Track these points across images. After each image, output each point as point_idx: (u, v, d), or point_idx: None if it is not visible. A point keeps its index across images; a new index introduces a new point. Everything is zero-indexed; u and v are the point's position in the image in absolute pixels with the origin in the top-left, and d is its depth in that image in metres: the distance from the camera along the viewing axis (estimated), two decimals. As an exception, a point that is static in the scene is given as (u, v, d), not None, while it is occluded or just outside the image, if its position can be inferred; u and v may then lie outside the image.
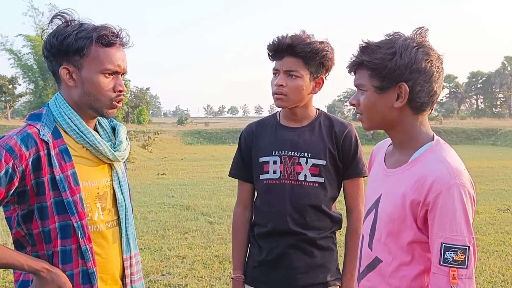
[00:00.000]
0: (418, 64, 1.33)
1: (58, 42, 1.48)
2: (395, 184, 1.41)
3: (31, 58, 40.81)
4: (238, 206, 2.18)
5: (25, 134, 1.44)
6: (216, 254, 5.53)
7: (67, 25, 1.50)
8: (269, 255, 2.02)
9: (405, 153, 1.44)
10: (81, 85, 1.51)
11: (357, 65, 1.41)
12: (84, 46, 1.46)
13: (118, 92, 1.54)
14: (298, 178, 1.98)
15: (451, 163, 1.32)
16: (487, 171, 13.96)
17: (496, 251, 5.63)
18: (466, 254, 1.25)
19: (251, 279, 2.10)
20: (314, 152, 1.99)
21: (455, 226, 1.26)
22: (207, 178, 12.86)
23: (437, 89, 1.38)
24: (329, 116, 2.11)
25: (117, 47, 1.52)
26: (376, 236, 1.45)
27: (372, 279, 1.46)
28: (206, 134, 34.11)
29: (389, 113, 1.39)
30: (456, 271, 1.25)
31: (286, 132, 2.04)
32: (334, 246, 2.09)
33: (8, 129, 31.80)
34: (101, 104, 1.53)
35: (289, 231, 1.97)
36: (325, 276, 2.02)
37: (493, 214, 7.73)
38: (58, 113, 1.52)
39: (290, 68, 1.92)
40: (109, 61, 1.50)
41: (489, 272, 4.83)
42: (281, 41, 1.92)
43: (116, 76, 1.54)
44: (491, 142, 29.47)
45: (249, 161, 2.10)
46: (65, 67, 1.50)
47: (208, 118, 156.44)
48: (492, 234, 6.44)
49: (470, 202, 1.29)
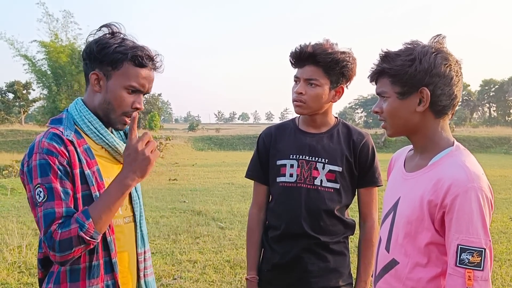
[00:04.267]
0: (438, 69, 1.38)
1: (97, 49, 1.58)
2: (414, 187, 1.44)
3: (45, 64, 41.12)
4: (254, 207, 2.21)
5: (51, 134, 1.52)
6: (227, 259, 5.56)
7: (112, 36, 1.60)
8: (283, 258, 2.04)
9: (425, 157, 1.47)
10: (104, 93, 1.60)
11: (378, 73, 1.46)
12: (118, 60, 1.56)
13: (134, 108, 1.62)
14: (314, 183, 2.01)
15: (470, 167, 1.35)
16: (499, 180, 13.83)
17: (508, 259, 5.59)
18: (482, 256, 1.27)
19: (265, 282, 2.13)
20: (331, 158, 2.03)
21: (471, 228, 1.28)
22: (218, 183, 12.90)
23: (457, 92, 1.42)
24: (347, 125, 2.15)
25: (147, 69, 1.61)
26: (393, 238, 1.48)
27: (388, 281, 1.48)
28: (217, 140, 34.20)
29: (412, 118, 1.44)
30: (472, 273, 1.26)
31: (305, 137, 2.08)
32: (346, 251, 2.12)
33: (22, 133, 32.19)
34: (115, 115, 1.61)
35: (303, 234, 2.00)
36: (338, 280, 2.05)
37: (506, 223, 7.67)
38: (79, 116, 1.60)
39: (310, 77, 1.96)
40: (136, 80, 1.59)
41: (501, 281, 4.80)
42: (303, 49, 1.95)
43: (138, 94, 1.62)
44: (504, 151, 29.17)
45: (266, 163, 2.14)
46: (95, 72, 1.59)
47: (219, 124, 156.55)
48: (504, 243, 6.39)
49: (487, 206, 1.31)
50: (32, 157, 1.47)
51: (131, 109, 1.61)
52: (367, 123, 73.30)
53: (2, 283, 4.72)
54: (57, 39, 42.29)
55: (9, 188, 11.04)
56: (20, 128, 34.66)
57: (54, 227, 1.42)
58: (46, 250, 1.43)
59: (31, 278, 4.87)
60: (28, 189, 1.47)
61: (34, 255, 5.61)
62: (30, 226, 7.28)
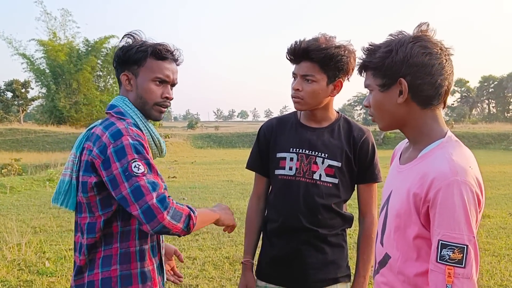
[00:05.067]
0: (415, 58, 1.33)
1: (122, 53, 1.79)
2: (403, 180, 1.41)
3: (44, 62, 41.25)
4: (253, 197, 2.24)
5: (128, 124, 1.67)
6: (227, 255, 5.57)
7: (134, 40, 1.81)
8: (282, 251, 2.06)
9: (416, 149, 1.44)
10: (135, 90, 1.79)
11: (363, 67, 1.45)
12: (141, 58, 1.76)
13: (164, 98, 1.79)
14: (313, 177, 2.03)
15: (455, 160, 1.29)
16: (499, 176, 13.85)
17: (508, 254, 5.60)
18: (464, 253, 1.21)
19: (264, 275, 2.14)
20: (331, 153, 2.04)
21: (453, 223, 1.23)
22: (217, 181, 12.91)
23: (441, 81, 1.36)
24: (349, 121, 2.15)
25: (169, 61, 1.80)
26: (386, 232, 1.47)
27: (384, 274, 1.47)
28: (216, 138, 34.18)
29: (397, 110, 1.40)
30: (453, 270, 1.21)
31: (305, 131, 2.09)
32: (344, 243, 2.13)
33: (21, 132, 32.11)
34: (148, 106, 1.78)
35: (302, 227, 2.02)
36: (336, 272, 2.07)
37: (505, 218, 7.69)
38: (132, 112, 1.77)
39: (306, 73, 1.96)
40: (160, 72, 1.77)
41: (500, 276, 4.82)
42: (298, 46, 1.96)
43: (165, 85, 1.80)
44: (503, 147, 29.16)
45: (266, 155, 2.16)
46: (125, 74, 1.79)
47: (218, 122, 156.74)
48: (504, 238, 6.41)
49: (473, 201, 1.25)
50: (121, 139, 1.58)
51: (162, 99, 1.79)
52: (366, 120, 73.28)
53: (1, 281, 4.73)
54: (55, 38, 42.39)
55: (8, 186, 11.04)
56: (19, 127, 34.56)
57: (165, 195, 1.55)
58: (157, 211, 1.51)
59: (31, 276, 4.87)
60: (115, 167, 1.55)
61: (33, 253, 5.61)
62: (29, 224, 7.28)
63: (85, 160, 1.65)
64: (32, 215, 8.14)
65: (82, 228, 1.68)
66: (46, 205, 9.22)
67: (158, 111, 1.80)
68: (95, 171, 1.62)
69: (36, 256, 5.51)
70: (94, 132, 1.69)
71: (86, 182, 1.64)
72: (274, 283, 2.10)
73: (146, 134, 1.75)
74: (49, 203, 9.40)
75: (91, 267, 1.66)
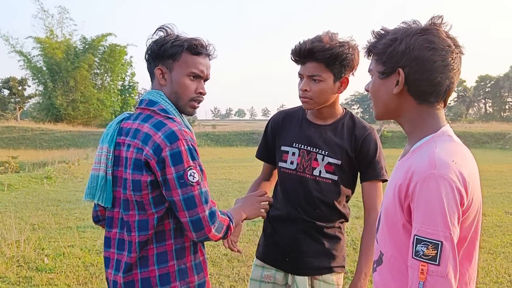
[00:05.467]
0: (416, 51, 1.29)
1: (157, 47, 1.76)
2: (394, 175, 1.38)
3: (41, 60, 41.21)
4: (260, 177, 2.40)
5: (179, 125, 1.69)
6: (225, 252, 5.60)
7: (167, 35, 1.79)
8: (282, 237, 2.16)
9: (411, 143, 1.40)
10: (170, 84, 1.78)
11: (368, 51, 1.41)
12: (176, 52, 1.75)
13: (199, 94, 1.81)
14: (313, 173, 2.09)
15: (437, 154, 1.23)
16: (495, 175, 13.93)
17: (503, 252, 5.66)
18: (438, 249, 1.14)
19: (263, 256, 2.25)
20: (331, 151, 2.09)
21: (428, 218, 1.17)
22: (215, 179, 12.92)
23: (441, 79, 1.30)
24: (354, 118, 2.18)
25: (203, 57, 1.81)
26: (379, 230, 1.43)
27: (379, 272, 1.44)
28: (213, 137, 34.14)
29: (391, 100, 1.36)
30: (426, 266, 1.15)
31: (309, 127, 2.15)
32: (341, 235, 2.19)
33: (17, 130, 32.02)
34: (183, 101, 1.79)
35: (300, 219, 2.11)
36: (330, 262, 2.14)
37: (501, 217, 7.75)
38: (172, 109, 1.77)
39: (313, 73, 1.99)
40: (195, 67, 1.77)
41: (495, 273, 4.87)
42: (302, 47, 1.98)
43: (199, 80, 1.81)
44: (499, 146, 29.26)
45: (272, 146, 2.25)
46: (159, 68, 1.78)
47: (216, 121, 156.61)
48: (499, 236, 6.46)
49: (452, 196, 1.17)
50: (177, 143, 1.61)
51: (196, 95, 1.80)
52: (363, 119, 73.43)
53: (1, 277, 4.75)
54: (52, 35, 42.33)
55: (6, 184, 11.05)
56: (16, 125, 34.47)
57: (215, 209, 1.67)
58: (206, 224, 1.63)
59: (30, 272, 4.90)
60: (170, 171, 1.61)
61: (32, 250, 5.63)
62: (27, 221, 7.30)
63: (133, 158, 1.65)
64: (30, 212, 8.15)
65: (131, 225, 1.68)
66: (44, 203, 9.25)
67: (192, 107, 1.81)
68: (150, 170, 1.63)
69: (35, 253, 5.53)
70: (136, 129, 1.69)
71: (139, 180, 1.64)
72: (271, 265, 2.21)
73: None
74: (47, 201, 9.44)
75: (143, 264, 1.69)
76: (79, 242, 6.03)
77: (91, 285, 4.56)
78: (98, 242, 6.02)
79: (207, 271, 1.84)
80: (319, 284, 2.13)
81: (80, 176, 13.70)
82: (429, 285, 1.15)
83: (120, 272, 1.71)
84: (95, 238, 6.31)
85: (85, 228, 6.93)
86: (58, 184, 12.19)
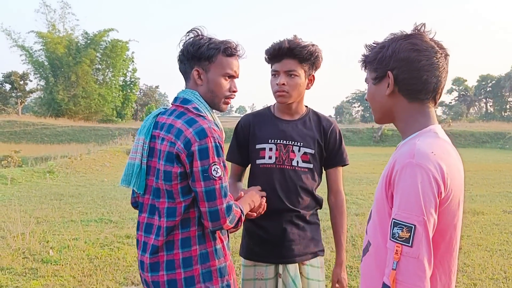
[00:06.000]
0: (402, 54, 1.41)
1: (194, 49, 1.90)
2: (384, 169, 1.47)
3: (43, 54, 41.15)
4: (230, 178, 2.46)
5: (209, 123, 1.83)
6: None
7: (201, 38, 1.93)
8: (270, 231, 2.31)
9: (403, 140, 1.50)
10: (206, 84, 1.93)
11: (363, 62, 1.55)
12: (213, 55, 1.90)
13: (232, 92, 1.98)
14: (292, 164, 2.30)
15: (417, 144, 1.34)
16: (494, 174, 14.04)
17: (499, 250, 5.76)
18: (412, 232, 1.23)
19: (253, 255, 2.36)
20: (305, 142, 2.32)
21: (404, 203, 1.26)
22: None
23: (428, 77, 1.41)
24: (317, 113, 2.44)
25: (235, 58, 1.98)
26: (371, 221, 1.51)
27: (366, 262, 1.51)
28: (214, 133, 34.11)
29: (385, 101, 1.48)
30: (400, 248, 1.24)
31: (281, 123, 2.35)
32: (318, 221, 2.43)
33: (19, 124, 32.13)
34: (218, 100, 1.96)
35: (286, 208, 2.29)
36: (314, 247, 2.37)
37: (499, 215, 7.85)
38: (204, 106, 1.93)
39: (290, 69, 2.22)
40: (230, 68, 1.94)
41: (491, 270, 4.97)
42: (281, 45, 2.21)
43: (232, 79, 1.98)
44: (499, 146, 29.36)
45: (245, 148, 2.39)
46: (196, 69, 1.92)
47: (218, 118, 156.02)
48: (497, 234, 6.56)
49: (428, 184, 1.26)
50: (205, 139, 1.77)
51: (230, 93, 1.97)
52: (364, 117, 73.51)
53: (7, 268, 4.85)
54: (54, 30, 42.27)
55: (9, 178, 11.16)
56: (17, 119, 34.59)
57: (232, 203, 1.83)
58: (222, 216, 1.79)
59: (36, 264, 5.00)
60: (196, 165, 1.77)
61: (37, 242, 5.73)
62: (32, 215, 7.40)
63: (166, 151, 1.82)
64: (34, 206, 8.26)
65: (161, 211, 1.85)
66: (47, 197, 9.35)
67: (226, 104, 1.98)
68: (180, 162, 1.79)
69: (40, 245, 5.63)
70: (170, 124, 1.85)
71: (170, 171, 1.80)
72: (263, 261, 2.33)
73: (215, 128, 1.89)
74: (50, 195, 9.54)
75: (169, 248, 1.85)
76: (83, 235, 6.13)
77: (96, 277, 4.66)
78: (102, 236, 6.13)
79: (227, 256, 1.95)
80: (307, 268, 2.33)
81: (82, 171, 13.81)
82: (402, 265, 1.24)
83: (146, 253, 1.87)
84: (99, 231, 6.42)
85: (88, 222, 7.04)
86: (61, 179, 12.32)
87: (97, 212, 7.91)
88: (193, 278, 1.85)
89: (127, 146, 19.31)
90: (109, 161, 16.11)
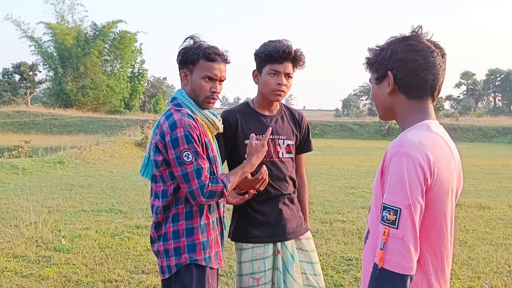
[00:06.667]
0: (399, 54, 1.51)
1: (181, 54, 2.24)
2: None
3: (52, 45, 41.35)
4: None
5: (186, 114, 2.17)
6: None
7: (193, 43, 2.25)
8: (269, 214, 2.56)
9: None
10: (190, 84, 2.25)
11: (366, 64, 1.66)
12: (195, 59, 2.20)
13: (212, 92, 2.23)
14: (279, 155, 2.58)
15: (406, 135, 1.45)
16: (501, 169, 14.03)
17: (504, 244, 5.82)
18: (397, 215, 1.33)
19: (251, 238, 2.54)
20: (287, 135, 2.62)
21: (392, 188, 1.37)
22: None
23: (425, 75, 1.51)
24: (288, 107, 2.74)
25: (218, 62, 2.22)
26: (371, 209, 1.59)
27: (365, 249, 1.58)
28: (221, 125, 34.26)
29: (386, 100, 1.59)
30: (388, 229, 1.34)
31: (266, 119, 2.59)
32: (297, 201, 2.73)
33: (28, 115, 32.39)
34: (201, 99, 2.25)
35: (279, 194, 2.58)
36: (303, 223, 2.70)
37: (504, 210, 7.89)
38: (188, 102, 2.24)
39: (289, 71, 2.48)
40: (209, 71, 2.21)
41: (495, 263, 5.03)
42: (286, 49, 2.42)
43: (213, 81, 2.23)
44: (507, 141, 29.18)
45: (232, 145, 2.55)
46: (183, 71, 2.26)
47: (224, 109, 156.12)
48: (502, 228, 6.61)
49: (414, 171, 1.36)
50: (176, 130, 2.09)
51: (210, 93, 2.23)
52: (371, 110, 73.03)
53: (21, 256, 4.99)
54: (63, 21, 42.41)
55: (21, 168, 11.33)
56: (27, 110, 34.87)
57: (207, 181, 2.09)
58: (197, 195, 2.08)
59: (48, 252, 5.14)
60: (171, 153, 2.09)
61: (50, 231, 5.87)
62: (43, 204, 7.55)
63: (153, 143, 2.18)
64: (45, 196, 8.41)
65: (158, 194, 2.21)
66: (58, 187, 9.51)
67: (207, 102, 2.26)
68: (160, 152, 2.14)
69: (52, 234, 5.77)
70: (158, 120, 2.21)
71: (156, 160, 2.17)
72: (261, 242, 2.53)
73: (202, 118, 2.24)
74: (61, 185, 9.70)
75: (165, 222, 2.22)
76: (94, 225, 6.27)
77: (107, 265, 4.78)
78: (113, 226, 6.26)
79: (211, 232, 2.25)
80: (305, 242, 2.65)
81: (91, 162, 13.97)
82: (388, 245, 1.34)
83: (152, 229, 2.28)
84: (110, 221, 6.55)
85: (99, 212, 7.17)
86: (71, 169, 12.48)
87: (107, 202, 8.04)
88: (180, 248, 2.18)
89: (135, 137, 19.42)
90: (118, 152, 16.26)
